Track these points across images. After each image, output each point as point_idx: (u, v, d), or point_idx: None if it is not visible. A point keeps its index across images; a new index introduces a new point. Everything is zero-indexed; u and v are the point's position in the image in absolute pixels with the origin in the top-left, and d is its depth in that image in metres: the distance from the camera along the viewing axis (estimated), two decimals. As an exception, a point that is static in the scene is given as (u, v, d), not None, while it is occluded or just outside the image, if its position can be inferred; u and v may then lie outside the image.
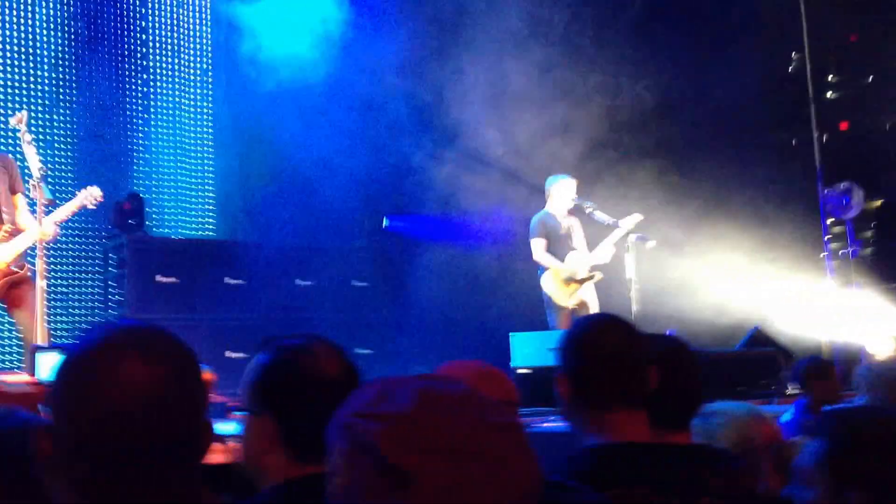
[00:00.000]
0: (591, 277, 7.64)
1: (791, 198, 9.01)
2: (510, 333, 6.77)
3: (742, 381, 6.18)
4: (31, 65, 9.23)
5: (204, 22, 10.49)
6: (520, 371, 6.45)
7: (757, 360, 6.76)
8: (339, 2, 9.43)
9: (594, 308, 7.67)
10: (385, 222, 9.84)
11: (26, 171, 5.72)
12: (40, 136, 8.58)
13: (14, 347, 8.44)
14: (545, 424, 5.12)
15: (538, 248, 7.64)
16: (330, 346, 1.87)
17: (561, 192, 7.72)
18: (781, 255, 8.77)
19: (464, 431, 1.04)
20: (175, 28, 10.27)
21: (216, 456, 1.39)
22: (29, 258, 5.67)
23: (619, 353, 2.10)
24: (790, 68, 8.95)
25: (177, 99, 10.19)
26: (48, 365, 3.89)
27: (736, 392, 5.66)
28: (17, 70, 9.13)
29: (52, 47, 9.38)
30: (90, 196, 5.84)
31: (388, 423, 1.04)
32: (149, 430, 1.26)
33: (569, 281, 7.57)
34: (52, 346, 4.48)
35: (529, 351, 6.59)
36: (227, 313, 8.57)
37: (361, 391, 1.11)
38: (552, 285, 7.59)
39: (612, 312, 2.39)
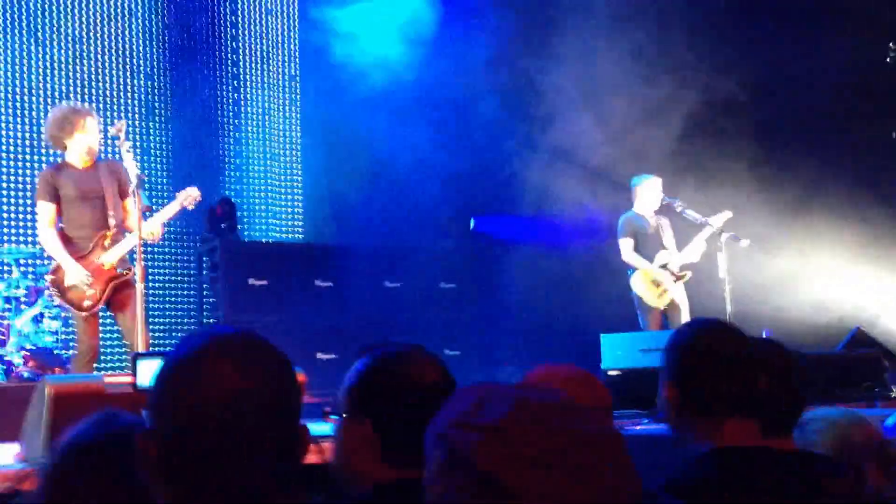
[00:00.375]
0: (681, 277, 7.52)
1: (893, 193, 8.68)
2: (600, 335, 6.69)
3: (843, 383, 5.97)
4: (128, 75, 9.52)
5: (292, 27, 10.67)
6: (610, 373, 6.37)
7: (859, 361, 6.52)
8: (427, 1, 9.46)
9: (685, 308, 7.56)
10: (472, 223, 9.84)
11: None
12: (137, 144, 8.83)
13: (118, 349, 8.71)
14: (638, 428, 5.05)
15: (626, 248, 7.58)
16: (428, 353, 1.89)
17: (647, 192, 7.63)
18: (883, 253, 8.46)
19: (561, 443, 1.01)
20: (264, 35, 10.47)
21: (310, 456, 1.41)
22: (131, 261, 5.83)
23: (730, 360, 2.07)
24: (888, 58, 8.64)
25: (266, 104, 10.38)
26: (148, 371, 3.99)
27: (836, 395, 5.48)
28: (114, 81, 9.42)
29: (148, 57, 9.65)
30: (189, 196, 5.97)
31: (484, 434, 1.02)
32: (244, 435, 1.28)
33: (658, 281, 7.47)
34: (152, 353, 4.60)
35: (620, 352, 6.50)
36: (317, 315, 8.67)
37: (457, 399, 1.10)
38: (642, 286, 7.50)
39: (712, 316, 2.34)
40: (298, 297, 8.68)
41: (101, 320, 6.02)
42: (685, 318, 7.51)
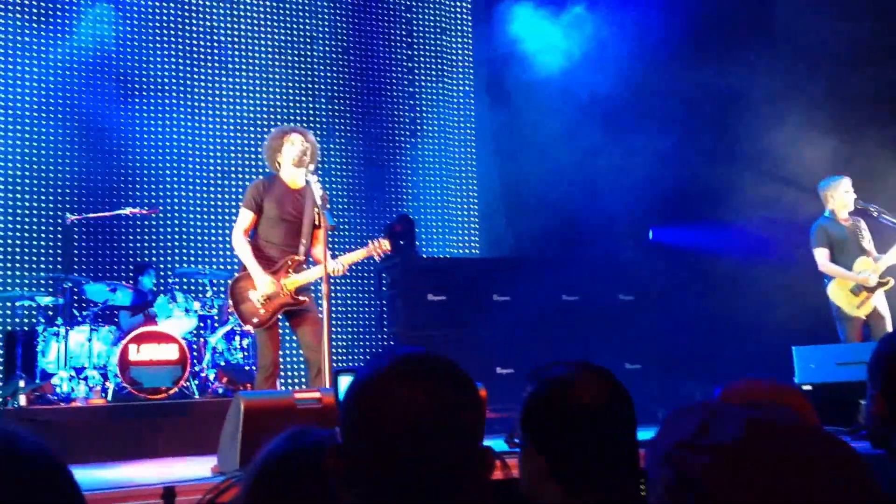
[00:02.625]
0: (883, 284, 7.06)
1: None
2: (793, 347, 6.36)
3: None
4: (310, 99, 9.90)
5: (466, 44, 10.80)
6: (804, 387, 6.06)
7: None
8: (594, 9, 9.37)
9: (888, 318, 7.11)
10: (650, 234, 9.62)
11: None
12: (319, 165, 9.15)
13: (300, 364, 9.02)
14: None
15: (822, 258, 7.17)
16: (594, 372, 1.85)
17: (838, 195, 7.21)
18: None
19: (800, 466, 0.94)
20: (439, 53, 10.64)
21: (497, 473, 1.42)
22: (315, 285, 5.98)
23: None
24: None
25: (441, 121, 10.54)
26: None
27: None
28: (298, 105, 9.82)
29: (328, 81, 10.01)
30: (379, 247, 6.06)
31: (716, 456, 0.96)
32: (429, 454, 1.30)
33: (858, 290, 7.04)
34: (350, 369, 4.72)
35: (815, 366, 6.17)
36: (495, 330, 8.67)
37: (681, 418, 1.05)
38: (840, 295, 7.10)
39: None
40: (476, 311, 8.71)
41: (280, 335, 6.21)
42: (889, 327, 7.06)
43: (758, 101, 8.48)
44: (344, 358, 9.49)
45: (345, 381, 4.09)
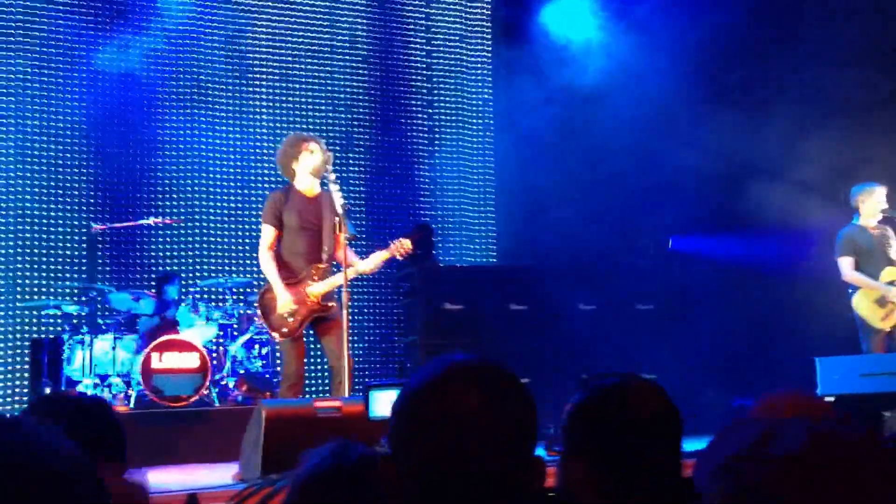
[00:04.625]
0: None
1: None
2: (816, 358, 6.33)
3: None
4: (329, 108, 9.94)
5: (484, 51, 10.81)
6: (827, 399, 6.02)
7: None
8: (618, 17, 9.38)
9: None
10: (670, 242, 9.59)
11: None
12: (338, 176, 9.18)
13: (321, 373, 9.04)
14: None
15: (846, 266, 7.09)
16: (646, 384, 1.86)
17: (870, 202, 7.15)
18: None
19: (866, 478, 0.95)
20: (457, 62, 10.66)
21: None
22: (337, 292, 6.01)
23: None
24: None
25: (459, 129, 10.55)
26: (382, 402, 4.08)
27: None
28: (317, 114, 9.86)
29: (348, 90, 10.05)
30: (401, 247, 6.08)
31: (782, 466, 0.97)
32: (484, 462, 1.29)
33: (884, 302, 6.98)
34: (386, 383, 4.72)
35: (838, 377, 6.14)
36: (512, 339, 8.65)
37: (736, 431, 1.05)
38: (864, 306, 7.04)
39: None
40: (493, 320, 8.70)
41: (305, 345, 6.23)
42: (915, 339, 7.02)
43: (777, 107, 8.45)
44: (361, 366, 9.50)
45: (378, 396, 4.11)
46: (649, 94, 9.19)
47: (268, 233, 5.97)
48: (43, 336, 7.94)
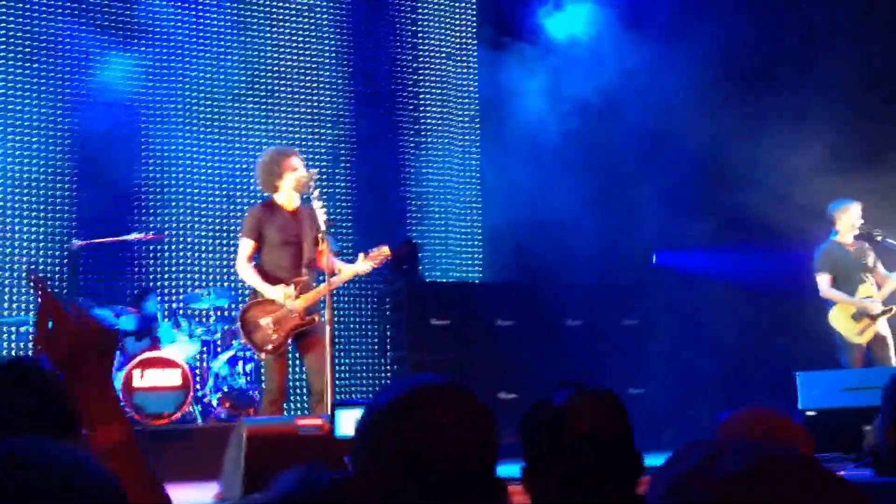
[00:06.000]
0: (887, 312, 7.05)
1: None
2: (796, 373, 6.36)
3: None
4: (316, 124, 9.93)
5: (471, 70, 10.85)
6: (808, 413, 6.06)
7: None
8: (602, 41, 9.43)
9: (891, 343, 7.09)
10: (654, 258, 9.62)
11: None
12: (324, 191, 9.19)
13: (303, 389, 9.00)
14: (842, 473, 4.74)
15: (823, 283, 7.18)
16: (592, 398, 1.86)
17: (845, 219, 7.22)
18: None
19: (804, 498, 0.97)
20: (443, 80, 10.69)
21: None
22: (320, 305, 5.98)
23: None
24: None
25: (446, 146, 10.57)
26: (347, 420, 4.08)
27: None
28: (303, 129, 9.85)
29: (333, 106, 10.05)
30: (379, 255, 6.07)
31: (725, 486, 0.98)
32: (443, 482, 1.30)
33: (859, 316, 7.04)
34: (351, 402, 4.71)
35: (818, 392, 6.17)
36: (499, 354, 8.67)
37: (689, 451, 1.07)
38: (841, 321, 7.09)
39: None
40: (480, 336, 8.71)
41: (288, 361, 6.21)
42: (892, 352, 7.05)
43: (762, 126, 8.50)
44: (346, 383, 9.47)
45: (343, 415, 4.10)
46: (636, 110, 9.23)
47: (246, 246, 5.96)
48: (22, 353, 7.87)
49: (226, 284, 9.05)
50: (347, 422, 4.14)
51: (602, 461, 1.77)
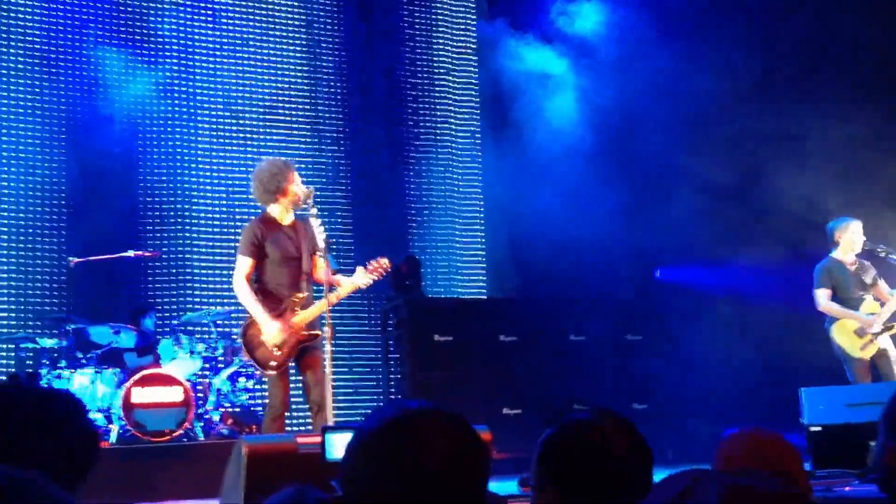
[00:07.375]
0: (888, 329, 7.02)
1: None
2: (801, 388, 6.33)
3: None
4: (316, 141, 9.94)
5: (472, 85, 10.86)
6: (812, 429, 6.02)
7: None
8: (602, 48, 9.46)
9: (893, 356, 7.05)
10: (657, 273, 9.61)
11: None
12: (325, 208, 9.18)
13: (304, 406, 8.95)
14: (847, 489, 4.72)
15: (822, 298, 7.17)
16: (619, 421, 1.87)
17: (847, 236, 7.21)
18: None
19: None
20: (444, 94, 10.70)
21: None
22: (320, 324, 5.93)
23: None
24: None
25: (447, 161, 10.57)
26: (337, 444, 4.04)
27: None
28: (304, 147, 9.86)
29: (333, 122, 10.07)
30: (379, 267, 6.04)
31: None
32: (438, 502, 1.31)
33: (862, 332, 7.01)
34: (341, 426, 4.67)
35: (823, 407, 6.14)
36: (502, 371, 8.65)
37: (669, 482, 1.09)
38: (843, 337, 7.07)
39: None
40: (483, 352, 8.69)
41: (290, 378, 6.16)
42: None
43: (766, 140, 8.50)
44: (349, 400, 9.44)
45: (334, 439, 4.07)
46: (641, 124, 9.24)
47: (244, 264, 5.88)
48: (20, 371, 7.84)
49: (226, 301, 9.02)
50: (338, 445, 4.10)
51: (626, 484, 1.77)
